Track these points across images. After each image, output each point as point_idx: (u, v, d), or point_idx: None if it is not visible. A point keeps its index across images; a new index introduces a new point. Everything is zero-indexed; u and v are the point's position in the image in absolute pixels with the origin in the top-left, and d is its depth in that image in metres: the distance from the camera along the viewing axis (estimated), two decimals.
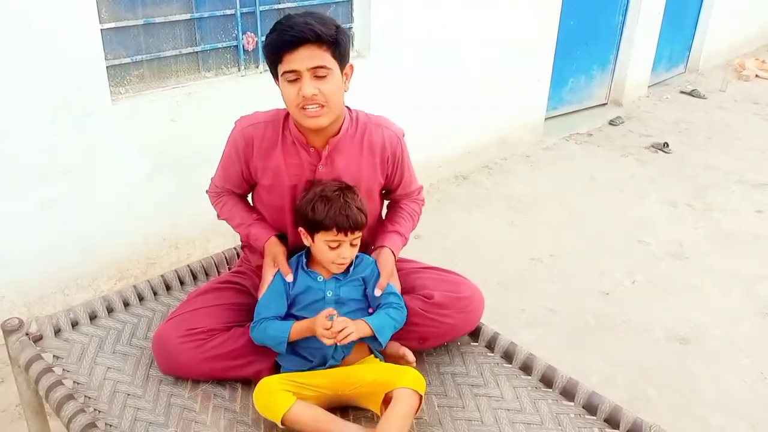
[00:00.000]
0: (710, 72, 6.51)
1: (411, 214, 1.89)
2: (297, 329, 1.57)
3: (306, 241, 1.64)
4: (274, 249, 1.71)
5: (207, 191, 1.90)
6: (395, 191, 1.87)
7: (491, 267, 3.09)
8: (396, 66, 3.41)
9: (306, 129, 1.63)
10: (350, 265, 1.64)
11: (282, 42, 1.51)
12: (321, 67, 1.52)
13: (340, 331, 1.49)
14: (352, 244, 1.60)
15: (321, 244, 1.58)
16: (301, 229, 1.63)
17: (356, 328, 1.53)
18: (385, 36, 3.32)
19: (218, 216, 1.89)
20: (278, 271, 1.66)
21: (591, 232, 3.48)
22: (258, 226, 1.78)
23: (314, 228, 1.58)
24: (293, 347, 1.61)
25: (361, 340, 1.58)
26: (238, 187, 1.81)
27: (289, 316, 1.63)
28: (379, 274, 1.68)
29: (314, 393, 1.54)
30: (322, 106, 1.55)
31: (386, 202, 1.94)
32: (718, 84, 6.08)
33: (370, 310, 1.66)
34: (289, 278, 1.64)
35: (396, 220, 1.85)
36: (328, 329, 1.49)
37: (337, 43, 1.54)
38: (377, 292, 1.65)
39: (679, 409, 2.29)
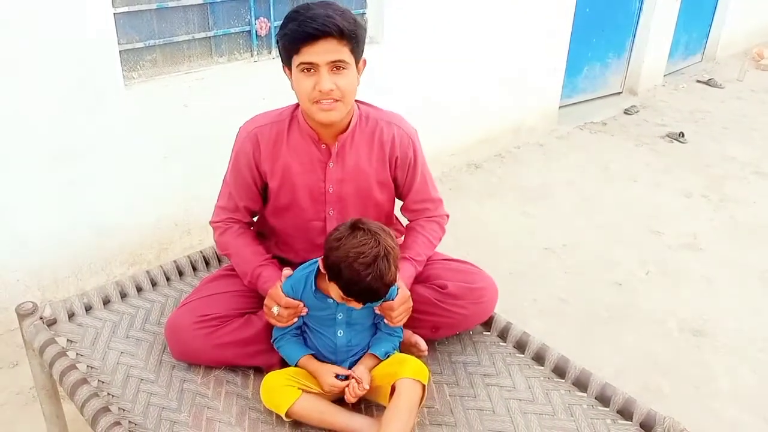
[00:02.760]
0: (727, 61, 6.42)
1: (429, 238, 1.79)
2: (303, 364, 1.58)
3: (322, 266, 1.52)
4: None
5: (211, 222, 1.79)
6: (407, 197, 1.80)
7: (503, 256, 3.08)
8: (410, 52, 3.38)
9: (317, 124, 1.62)
10: None
11: (303, 34, 1.48)
12: (340, 61, 1.51)
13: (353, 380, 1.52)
14: None
15: (335, 290, 1.48)
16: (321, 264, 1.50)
17: (367, 367, 1.56)
18: (399, 22, 3.28)
19: (220, 250, 1.80)
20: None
21: (604, 222, 3.45)
22: (270, 268, 1.69)
23: (333, 279, 1.46)
24: (306, 345, 1.62)
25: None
26: (251, 200, 1.74)
27: (303, 325, 1.63)
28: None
29: (320, 389, 1.55)
30: (337, 100, 1.54)
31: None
32: (735, 73, 5.99)
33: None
34: (304, 311, 1.59)
35: (409, 245, 1.76)
36: (337, 386, 1.52)
37: (356, 39, 1.52)
38: (377, 310, 1.59)
39: (692, 401, 2.27)
